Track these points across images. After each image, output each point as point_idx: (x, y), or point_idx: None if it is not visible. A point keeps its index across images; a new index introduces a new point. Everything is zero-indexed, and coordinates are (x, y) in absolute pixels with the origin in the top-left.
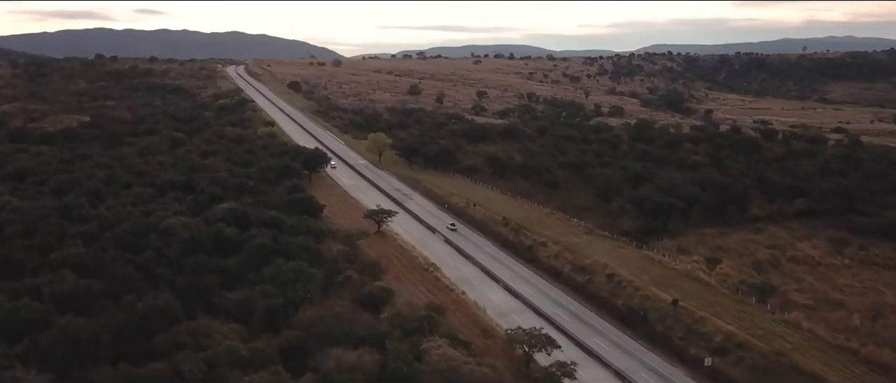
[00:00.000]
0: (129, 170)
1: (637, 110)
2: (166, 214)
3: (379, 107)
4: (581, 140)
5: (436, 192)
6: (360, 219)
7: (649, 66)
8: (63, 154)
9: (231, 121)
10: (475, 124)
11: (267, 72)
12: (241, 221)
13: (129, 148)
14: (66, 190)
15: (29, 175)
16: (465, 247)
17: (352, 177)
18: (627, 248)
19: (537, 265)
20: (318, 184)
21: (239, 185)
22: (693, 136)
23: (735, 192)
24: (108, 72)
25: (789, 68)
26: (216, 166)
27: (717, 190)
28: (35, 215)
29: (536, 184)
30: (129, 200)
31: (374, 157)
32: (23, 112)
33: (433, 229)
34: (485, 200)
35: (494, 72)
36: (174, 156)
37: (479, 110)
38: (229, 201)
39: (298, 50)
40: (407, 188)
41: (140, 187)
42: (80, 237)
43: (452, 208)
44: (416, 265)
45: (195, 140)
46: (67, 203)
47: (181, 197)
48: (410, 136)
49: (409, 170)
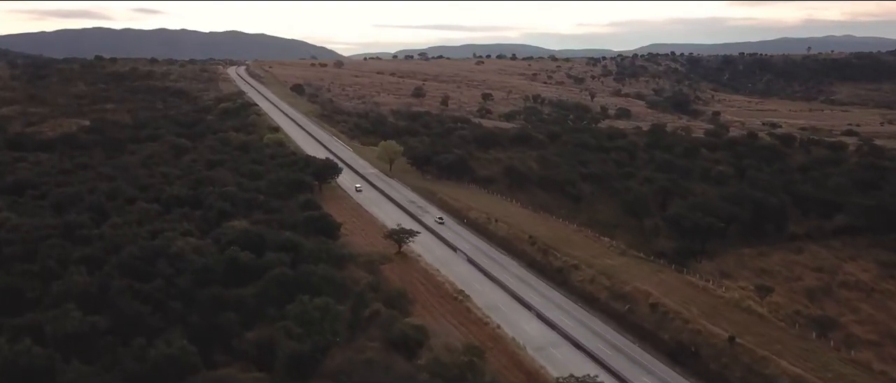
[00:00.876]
0: (133, 182)
1: (643, 112)
2: (174, 235)
3: (383, 110)
4: (597, 147)
5: (453, 206)
6: (377, 237)
7: (653, 66)
8: (63, 163)
9: (235, 126)
10: (485, 130)
11: (269, 73)
12: (255, 245)
13: (131, 156)
14: (68, 205)
15: (28, 187)
16: (491, 269)
17: (364, 187)
18: (666, 272)
19: (569, 289)
20: (329, 195)
21: (249, 201)
22: (709, 143)
23: (771, 209)
24: (108, 74)
25: (794, 69)
26: (224, 179)
27: (754, 206)
28: (35, 235)
29: (557, 196)
30: (135, 218)
31: (384, 166)
32: (21, 115)
33: (454, 247)
34: (506, 215)
35: (497, 73)
36: (179, 167)
37: (485, 113)
38: (239, 218)
39: (297, 49)
40: (421, 200)
41: (145, 202)
42: (83, 262)
43: (472, 223)
44: (444, 293)
45: (200, 147)
46: (69, 221)
47: (188, 213)
48: (422, 144)
49: (422, 180)
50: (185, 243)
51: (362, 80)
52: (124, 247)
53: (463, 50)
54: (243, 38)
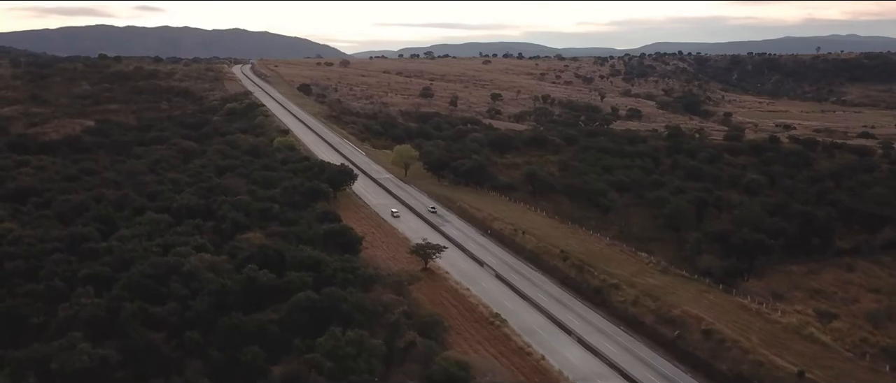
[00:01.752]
0: (141, 190)
1: (654, 113)
2: (187, 250)
3: (392, 110)
4: (619, 153)
5: (475, 216)
6: (400, 251)
7: (661, 66)
8: (67, 168)
9: (242, 128)
10: (499, 133)
11: (275, 73)
12: (274, 262)
13: (137, 161)
14: (73, 215)
15: (31, 194)
16: (522, 287)
17: (378, 194)
18: (714, 293)
19: (609, 311)
20: (345, 203)
21: (263, 211)
22: (731, 147)
23: (817, 222)
24: (112, 73)
25: (803, 69)
26: (236, 186)
27: (801, 221)
28: (39, 249)
29: (583, 205)
30: (144, 230)
31: (399, 171)
32: (24, 116)
33: (481, 262)
34: (532, 226)
35: (505, 72)
36: (188, 172)
37: (494, 113)
38: (254, 230)
39: (300, 47)
40: (441, 208)
41: (154, 212)
42: (90, 281)
43: (496, 234)
44: (478, 316)
45: (208, 151)
46: (75, 234)
47: (200, 225)
48: (437, 148)
49: (439, 187)
50: (199, 260)
51: (369, 80)
52: (134, 264)
53: (466, 48)
54: (246, 36)
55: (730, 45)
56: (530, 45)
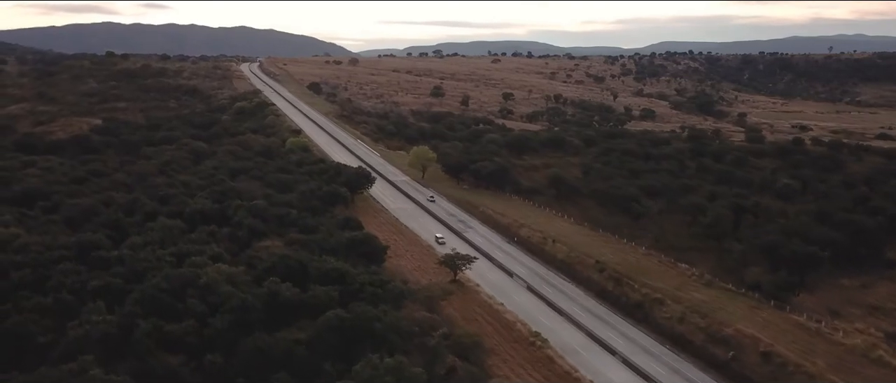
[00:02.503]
0: (152, 193)
1: (668, 113)
2: (202, 260)
3: (403, 110)
4: (643, 155)
5: (499, 221)
6: (426, 260)
7: (672, 66)
8: (75, 170)
9: (252, 128)
10: (516, 134)
11: (283, 71)
12: (296, 274)
13: (147, 162)
14: (82, 220)
15: (38, 197)
16: (557, 300)
17: (397, 197)
18: (766, 310)
19: (653, 327)
20: (363, 207)
21: (280, 217)
22: (756, 150)
23: (867, 231)
24: (119, 70)
25: (816, 69)
26: (251, 190)
27: (850, 230)
28: (47, 257)
29: (612, 211)
30: (156, 237)
31: (415, 173)
32: (30, 114)
33: (510, 272)
34: (561, 234)
35: (515, 71)
36: (200, 174)
37: (506, 113)
38: (271, 237)
39: (306, 45)
40: (462, 213)
41: (166, 218)
42: (101, 294)
43: (524, 242)
44: (517, 336)
45: (219, 152)
46: (84, 241)
47: (215, 231)
48: (455, 150)
49: (459, 190)
50: (217, 272)
51: (379, 79)
52: (147, 275)
53: (471, 47)
54: (252, 34)
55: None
56: (536, 43)
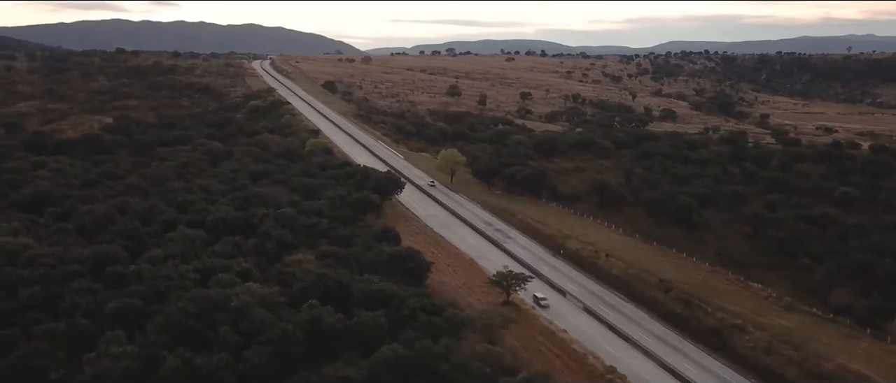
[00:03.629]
0: (170, 199)
1: (688, 114)
2: (230, 277)
3: (420, 109)
4: (681, 159)
5: (542, 232)
6: (472, 277)
7: (689, 65)
8: (87, 172)
9: (268, 127)
10: (546, 136)
11: (296, 69)
12: (337, 297)
13: (162, 164)
14: (95, 229)
15: (48, 201)
16: (619, 324)
17: (426, 203)
18: (864, 340)
19: (732, 357)
20: (392, 215)
21: (310, 227)
22: (797, 154)
23: None
24: (130, 68)
25: (834, 70)
26: (276, 196)
27: None
28: (58, 272)
29: (662, 221)
30: (177, 249)
31: (442, 176)
32: (40, 112)
33: (563, 291)
34: (613, 247)
35: (529, 70)
36: (219, 178)
37: (525, 113)
38: (303, 249)
39: (315, 43)
40: (499, 222)
41: (187, 227)
42: (120, 317)
43: (571, 256)
44: (590, 371)
45: (237, 154)
46: (99, 254)
47: (241, 243)
48: (484, 153)
49: (491, 196)
50: (249, 293)
51: (393, 77)
52: (170, 295)
53: (480, 45)
54: (261, 32)
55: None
56: (544, 42)
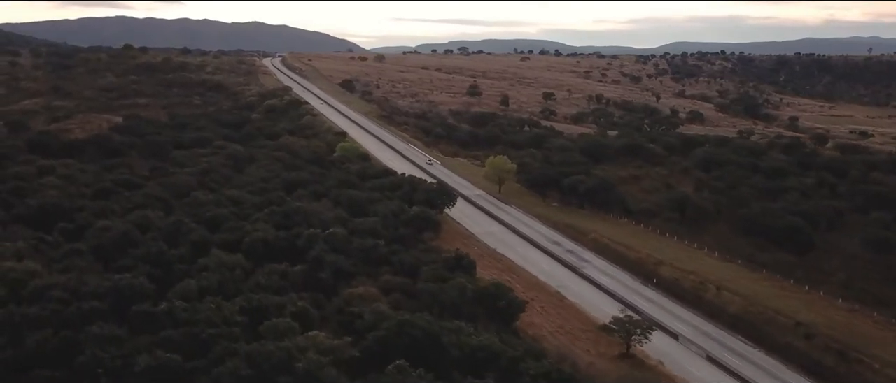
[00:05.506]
0: (197, 214)
1: (715, 115)
2: (286, 321)
3: (442, 109)
4: (750, 167)
5: (625, 255)
6: (566, 318)
7: (708, 66)
8: (99, 179)
9: (289, 128)
10: (591, 140)
11: (309, 66)
12: (424, 351)
13: (182, 170)
14: (114, 250)
15: (57, 215)
16: (753, 376)
17: (479, 217)
18: None
19: None
20: (447, 232)
21: (366, 251)
22: (860, 161)
23: None
24: (138, 64)
25: (856, 71)
26: (320, 213)
27: None
28: (73, 311)
29: (759, 241)
30: (214, 280)
31: (489, 185)
32: (46, 110)
33: (673, 333)
34: (721, 277)
35: (547, 69)
36: (248, 187)
37: (549, 114)
38: (361, 279)
39: (319, 41)
40: (567, 240)
41: (221, 249)
42: (155, 378)
43: (670, 286)
44: None
45: (262, 158)
46: (121, 286)
47: (288, 272)
48: (533, 160)
49: (549, 209)
50: (315, 346)
51: (409, 76)
52: (214, 347)
53: (484, 45)
54: (265, 30)
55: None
56: (548, 42)
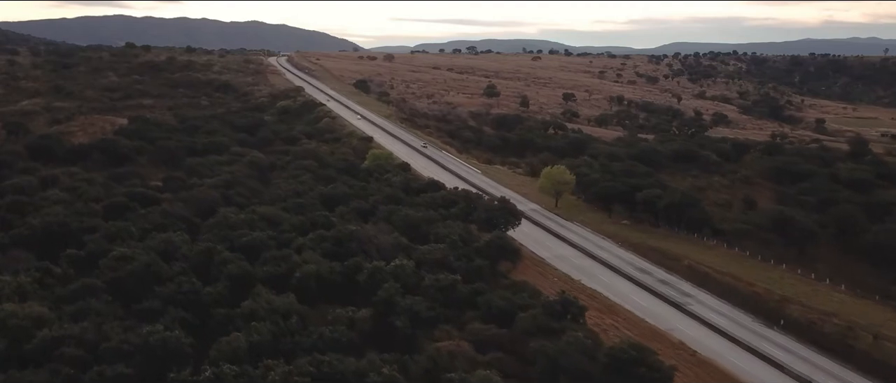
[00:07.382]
0: (229, 239)
1: (738, 118)
2: None
3: (460, 111)
4: (829, 177)
5: (736, 288)
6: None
7: (722, 66)
8: (109, 191)
9: (306, 132)
10: (645, 146)
11: (318, 66)
12: None
13: (201, 183)
14: (135, 286)
15: (64, 239)
16: None
17: (541, 237)
18: None
19: None
20: None
21: (443, 290)
22: None
23: None
24: (142, 63)
25: (873, 72)
26: (376, 239)
27: None
28: (94, 382)
29: (883, 268)
30: (266, 331)
31: (545, 199)
32: (46, 111)
33: None
34: (856, 317)
35: (561, 69)
36: (284, 206)
37: (571, 116)
38: (444, 329)
39: (318, 40)
40: (657, 269)
41: (266, 286)
42: None
43: (803, 331)
44: None
45: (289, 167)
46: (152, 345)
47: (353, 318)
48: (590, 169)
49: (620, 227)
50: None
51: (422, 76)
52: None
53: (483, 44)
54: (264, 29)
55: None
56: (547, 42)
